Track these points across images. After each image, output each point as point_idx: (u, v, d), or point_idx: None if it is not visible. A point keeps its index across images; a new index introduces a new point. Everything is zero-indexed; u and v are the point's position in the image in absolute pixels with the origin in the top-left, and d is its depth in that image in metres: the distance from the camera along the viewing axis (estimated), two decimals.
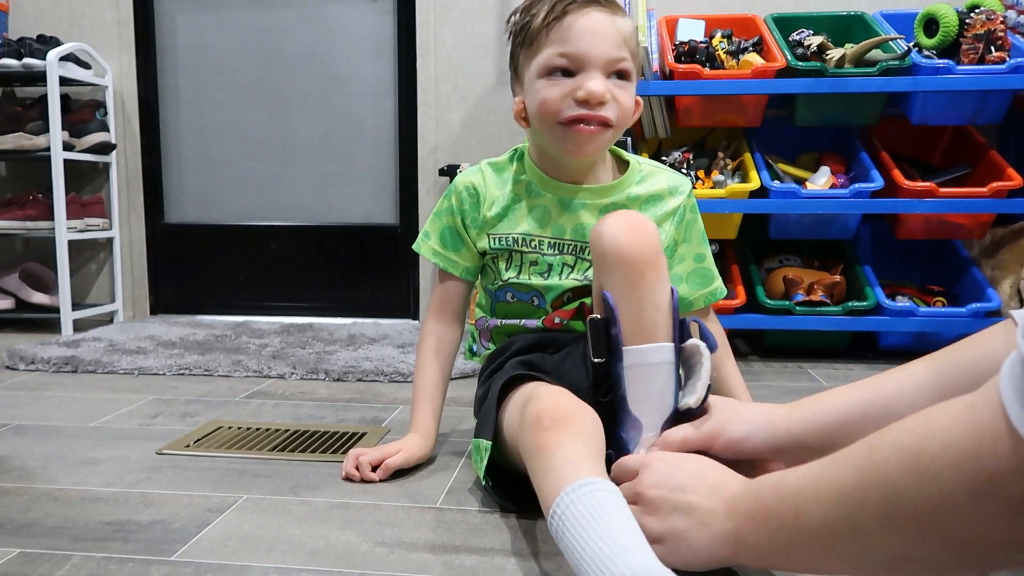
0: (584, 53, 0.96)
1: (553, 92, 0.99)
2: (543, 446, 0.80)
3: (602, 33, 0.96)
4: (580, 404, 0.87)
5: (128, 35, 2.60)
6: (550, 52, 0.98)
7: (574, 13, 0.96)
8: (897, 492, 0.52)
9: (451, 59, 2.48)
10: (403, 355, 1.92)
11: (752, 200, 1.93)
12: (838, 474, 0.58)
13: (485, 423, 1.00)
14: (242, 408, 1.48)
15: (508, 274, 1.08)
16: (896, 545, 0.54)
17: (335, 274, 2.68)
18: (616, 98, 0.99)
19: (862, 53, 1.90)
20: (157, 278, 2.73)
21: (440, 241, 1.12)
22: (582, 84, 0.97)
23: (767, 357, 1.98)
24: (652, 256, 0.88)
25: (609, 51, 0.97)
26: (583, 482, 0.73)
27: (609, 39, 0.97)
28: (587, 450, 0.80)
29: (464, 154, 2.50)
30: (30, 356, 1.86)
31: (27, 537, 0.88)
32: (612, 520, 0.69)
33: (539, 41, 0.98)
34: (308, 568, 0.81)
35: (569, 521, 0.71)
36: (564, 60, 0.97)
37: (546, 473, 0.78)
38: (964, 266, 2.04)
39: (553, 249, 1.06)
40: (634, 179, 1.09)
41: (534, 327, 1.08)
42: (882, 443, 0.55)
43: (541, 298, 1.07)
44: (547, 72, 0.99)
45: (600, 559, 0.66)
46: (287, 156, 2.68)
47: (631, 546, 0.66)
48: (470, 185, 1.10)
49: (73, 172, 2.52)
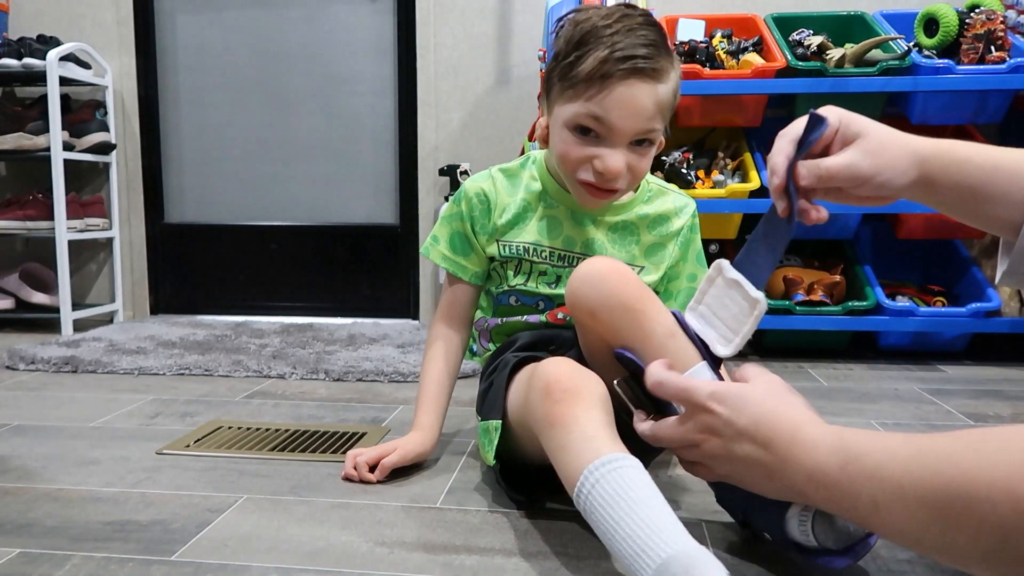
0: (614, 126, 0.94)
1: (574, 151, 0.97)
2: (558, 420, 0.81)
3: (637, 107, 0.93)
4: (585, 372, 0.87)
5: (128, 35, 2.60)
6: (585, 108, 0.94)
7: (618, 79, 0.92)
8: (1007, 533, 0.52)
9: (451, 59, 2.49)
10: (403, 355, 1.92)
11: (752, 200, 1.93)
12: (928, 495, 0.56)
13: (493, 405, 1.00)
14: (242, 408, 1.48)
15: (516, 280, 1.08)
16: (995, 571, 0.54)
17: (335, 274, 2.68)
18: (632, 167, 0.97)
19: (862, 53, 1.90)
20: (157, 278, 2.73)
21: (450, 246, 1.12)
22: (602, 156, 0.95)
23: (767, 357, 1.98)
24: (641, 288, 0.86)
25: (639, 125, 0.94)
26: (607, 459, 0.74)
27: (643, 113, 0.94)
28: (602, 421, 0.80)
29: (464, 154, 2.50)
30: (30, 356, 1.86)
31: (27, 537, 0.88)
32: (642, 500, 0.71)
33: (578, 90, 0.95)
34: (308, 568, 0.81)
35: (598, 500, 0.72)
36: (595, 124, 0.95)
37: (564, 449, 0.79)
38: (964, 266, 2.04)
39: (562, 261, 1.06)
40: (643, 198, 1.09)
41: (536, 322, 1.08)
42: (990, 480, 0.53)
43: (547, 302, 1.08)
44: (575, 127, 0.97)
45: (636, 542, 0.67)
46: (287, 156, 2.68)
47: (664, 528, 0.68)
48: (480, 192, 1.09)
49: (73, 172, 2.52)
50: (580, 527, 0.90)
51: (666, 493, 0.75)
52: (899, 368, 1.88)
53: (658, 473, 1.09)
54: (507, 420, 0.98)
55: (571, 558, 0.83)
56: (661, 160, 2.02)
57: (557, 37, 1.00)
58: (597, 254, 1.06)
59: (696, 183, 1.98)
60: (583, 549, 0.85)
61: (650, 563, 0.66)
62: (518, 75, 2.47)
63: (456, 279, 1.13)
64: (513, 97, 2.47)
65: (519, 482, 0.99)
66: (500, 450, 0.98)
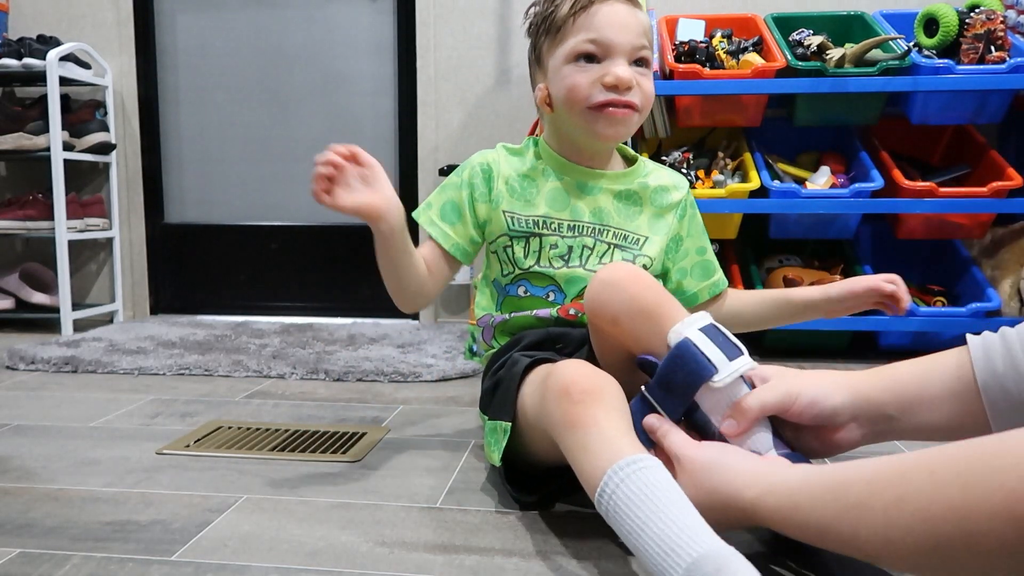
0: (611, 41, 1.01)
1: (581, 78, 1.02)
2: (577, 422, 0.81)
3: (626, 23, 1.02)
4: (603, 375, 0.87)
5: (128, 35, 2.60)
6: (578, 39, 1.02)
7: (599, 3, 1.01)
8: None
9: (451, 59, 2.49)
10: (403, 355, 1.92)
11: (752, 200, 1.93)
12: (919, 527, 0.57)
13: (503, 406, 0.98)
14: (242, 408, 1.48)
15: (528, 262, 1.08)
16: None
17: (335, 274, 2.68)
18: (640, 84, 1.03)
19: (862, 53, 1.90)
20: (157, 278, 2.73)
21: (440, 213, 1.12)
22: (609, 70, 1.01)
23: (767, 357, 1.98)
24: (660, 293, 0.87)
25: (633, 40, 1.02)
26: (629, 460, 0.74)
27: (633, 29, 1.02)
28: (622, 423, 0.81)
29: (464, 154, 2.49)
30: (30, 356, 1.86)
31: (27, 537, 0.88)
32: (667, 501, 0.70)
33: (565, 29, 1.03)
34: (308, 568, 0.81)
35: (622, 501, 0.72)
36: (592, 46, 1.02)
37: (585, 450, 0.79)
38: (964, 266, 2.04)
39: (572, 232, 1.08)
40: (642, 171, 1.14)
41: (547, 316, 1.07)
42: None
43: (558, 292, 1.07)
44: (574, 58, 1.03)
45: (664, 542, 0.67)
46: (287, 156, 2.68)
47: (692, 527, 0.67)
48: (484, 162, 1.12)
49: (73, 172, 2.52)
50: (580, 527, 0.90)
51: None
52: None
53: None
54: (517, 422, 0.97)
55: (571, 558, 0.83)
56: (661, 160, 2.02)
57: (529, 16, 1.09)
58: (606, 222, 1.09)
59: (696, 183, 1.98)
60: (583, 549, 0.85)
61: (680, 563, 0.64)
62: (518, 75, 2.47)
63: (432, 241, 1.10)
64: (513, 97, 2.47)
65: (523, 484, 0.98)
66: (505, 451, 0.97)
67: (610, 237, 1.09)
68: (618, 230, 1.09)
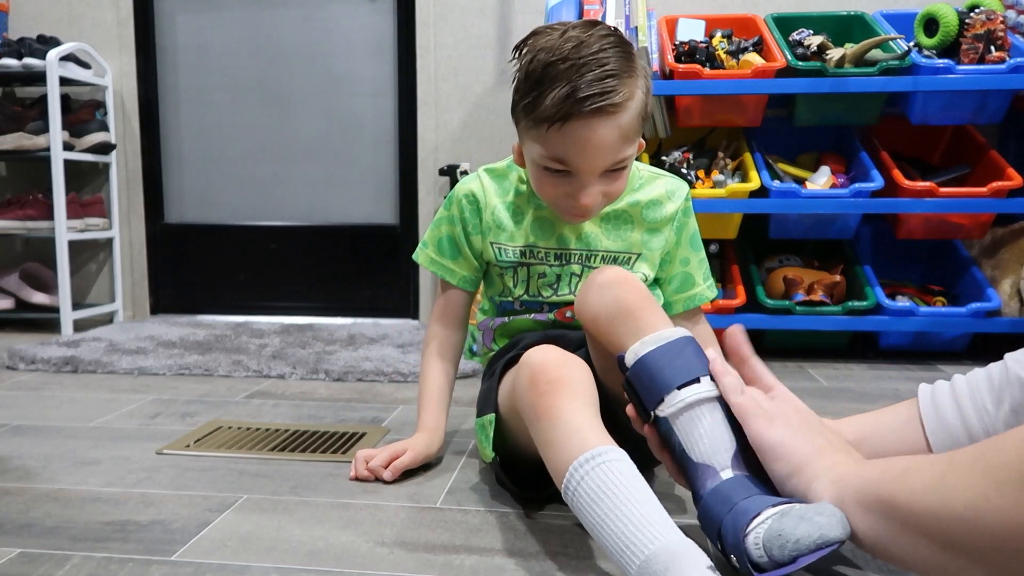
0: (581, 167, 0.94)
1: (547, 189, 0.98)
2: (543, 413, 0.82)
3: (602, 143, 0.91)
4: (571, 359, 0.87)
5: (128, 35, 2.60)
6: (547, 154, 0.94)
7: (577, 120, 0.90)
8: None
9: (451, 59, 2.48)
10: (403, 355, 1.92)
11: (752, 200, 1.93)
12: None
13: (487, 401, 1.01)
14: (242, 408, 1.48)
15: (517, 291, 1.08)
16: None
17: (335, 274, 2.68)
18: (607, 192, 0.97)
19: (862, 53, 1.90)
20: (157, 278, 2.73)
21: (437, 250, 1.13)
22: (574, 195, 0.95)
23: (767, 357, 1.97)
24: (644, 297, 0.86)
25: (605, 162, 0.93)
26: (592, 453, 0.75)
27: (607, 151, 0.92)
28: (586, 411, 0.81)
29: (464, 154, 2.50)
30: (30, 356, 1.86)
31: (27, 537, 0.88)
32: (625, 497, 0.71)
33: (540, 131, 0.94)
34: (308, 568, 0.81)
35: (583, 497, 0.73)
36: (560, 165, 0.94)
37: (552, 444, 0.80)
38: (964, 266, 2.04)
39: (559, 260, 1.07)
40: (634, 185, 1.09)
41: (544, 319, 1.08)
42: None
43: (552, 306, 1.08)
44: (542, 168, 0.97)
45: (620, 538, 0.68)
46: (287, 156, 2.68)
47: (648, 523, 0.68)
48: (469, 193, 1.10)
49: (73, 172, 2.52)
50: (580, 527, 0.90)
51: (666, 498, 0.75)
52: (899, 368, 1.88)
53: (656, 474, 1.09)
54: (500, 413, 0.99)
55: (571, 558, 0.83)
56: (661, 160, 2.02)
57: (518, 64, 0.99)
58: (593, 247, 1.07)
59: (696, 183, 1.98)
60: (583, 549, 0.85)
61: (635, 559, 0.67)
62: None
63: (447, 284, 1.14)
64: None
65: (519, 478, 0.98)
66: (498, 447, 0.98)
67: (598, 262, 1.06)
68: (606, 253, 1.07)
